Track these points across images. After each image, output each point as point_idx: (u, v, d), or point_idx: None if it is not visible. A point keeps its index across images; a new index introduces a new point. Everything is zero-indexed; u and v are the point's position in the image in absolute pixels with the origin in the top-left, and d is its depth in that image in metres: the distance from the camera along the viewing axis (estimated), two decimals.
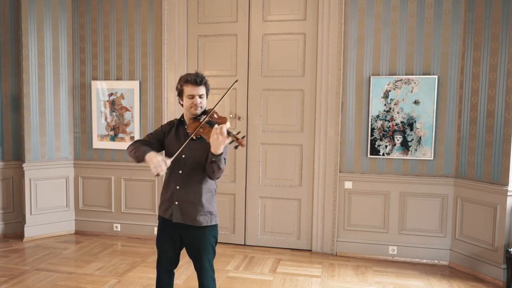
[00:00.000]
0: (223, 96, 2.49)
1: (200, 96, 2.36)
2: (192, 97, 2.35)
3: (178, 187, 2.39)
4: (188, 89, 2.35)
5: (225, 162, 2.31)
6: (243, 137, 2.20)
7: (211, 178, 2.37)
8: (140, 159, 2.36)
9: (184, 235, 2.44)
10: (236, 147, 2.25)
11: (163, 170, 2.23)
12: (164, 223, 2.49)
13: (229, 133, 2.18)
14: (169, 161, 2.26)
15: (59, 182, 4.85)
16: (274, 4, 4.36)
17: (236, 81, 2.72)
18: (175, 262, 2.54)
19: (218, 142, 2.17)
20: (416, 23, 4.01)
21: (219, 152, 2.20)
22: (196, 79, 2.34)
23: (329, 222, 4.31)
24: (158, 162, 2.23)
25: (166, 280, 2.54)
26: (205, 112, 2.40)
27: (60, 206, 4.87)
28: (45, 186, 4.74)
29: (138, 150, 2.38)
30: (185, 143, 2.30)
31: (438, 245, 4.09)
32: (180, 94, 2.41)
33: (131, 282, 3.57)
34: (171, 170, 2.40)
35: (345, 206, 4.28)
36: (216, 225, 2.46)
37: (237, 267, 3.97)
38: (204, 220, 2.39)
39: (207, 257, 2.42)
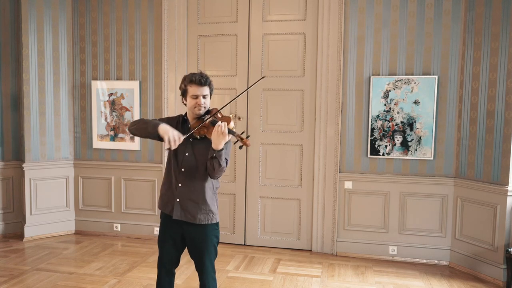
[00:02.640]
0: (245, 90, 2.60)
1: (204, 97, 2.37)
2: (196, 97, 2.36)
3: (180, 185, 2.41)
4: (192, 89, 2.36)
5: (227, 162, 2.32)
6: (247, 137, 2.22)
7: (211, 177, 2.37)
8: (150, 130, 2.29)
9: (186, 234, 2.45)
10: (240, 147, 2.26)
11: (176, 145, 2.23)
12: (165, 222, 2.49)
13: (233, 133, 2.23)
14: (182, 137, 2.26)
15: (59, 182, 4.85)
16: (274, 4, 4.36)
17: (263, 77, 2.69)
18: (176, 262, 2.54)
19: (218, 139, 2.20)
20: (416, 23, 4.01)
21: (220, 148, 2.22)
22: (201, 80, 2.35)
23: (329, 222, 4.31)
24: (174, 136, 2.22)
25: (167, 280, 2.54)
26: (208, 112, 2.41)
27: (60, 206, 4.87)
28: (45, 186, 4.74)
29: (147, 123, 2.34)
30: (191, 132, 2.30)
31: (438, 245, 4.09)
32: (184, 93, 2.41)
33: (131, 282, 3.57)
34: (173, 166, 2.42)
35: (345, 206, 4.28)
36: (217, 224, 2.47)
37: (237, 267, 3.97)
38: (205, 218, 2.41)
39: (209, 257, 2.43)
